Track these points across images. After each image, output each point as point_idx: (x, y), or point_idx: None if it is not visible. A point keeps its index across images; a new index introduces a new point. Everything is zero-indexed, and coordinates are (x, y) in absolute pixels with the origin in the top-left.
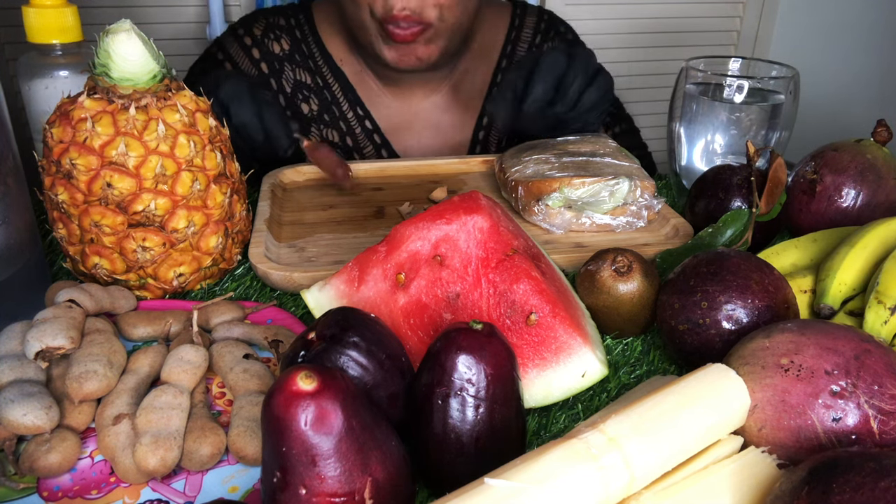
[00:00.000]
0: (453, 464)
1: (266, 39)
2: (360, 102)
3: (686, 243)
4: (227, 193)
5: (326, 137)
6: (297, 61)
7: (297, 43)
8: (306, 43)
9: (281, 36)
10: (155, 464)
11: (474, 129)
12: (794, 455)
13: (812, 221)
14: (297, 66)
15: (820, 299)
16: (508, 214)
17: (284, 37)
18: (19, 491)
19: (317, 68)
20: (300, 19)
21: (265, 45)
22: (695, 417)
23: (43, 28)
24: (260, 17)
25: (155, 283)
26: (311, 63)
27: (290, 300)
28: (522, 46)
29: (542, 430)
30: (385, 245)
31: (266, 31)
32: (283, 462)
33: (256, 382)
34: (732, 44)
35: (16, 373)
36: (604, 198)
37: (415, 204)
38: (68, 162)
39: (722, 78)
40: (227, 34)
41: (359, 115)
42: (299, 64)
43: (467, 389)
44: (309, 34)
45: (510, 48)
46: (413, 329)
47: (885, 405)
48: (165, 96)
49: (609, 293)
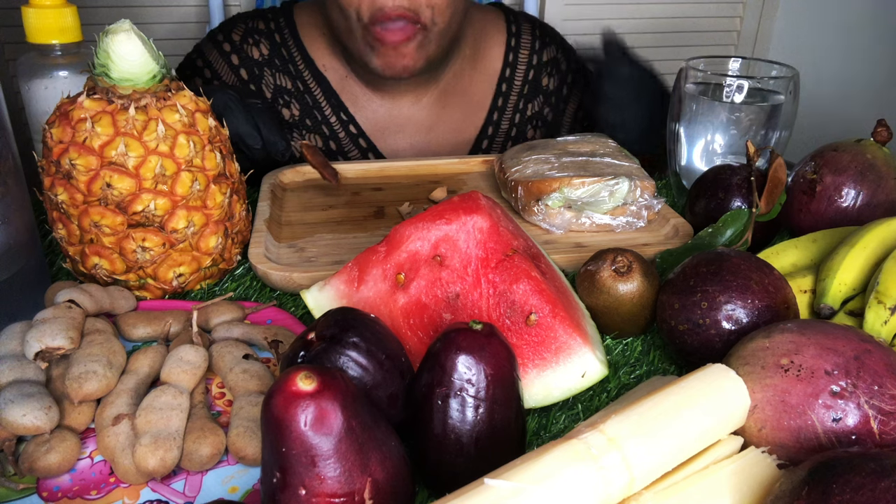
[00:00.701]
0: (453, 464)
1: (244, 45)
2: (343, 107)
3: (686, 243)
4: (227, 193)
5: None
6: (276, 66)
7: (276, 47)
8: (286, 47)
9: (260, 41)
10: (154, 464)
11: (477, 136)
12: (794, 455)
13: (812, 221)
14: (277, 70)
15: (820, 299)
16: (508, 214)
17: (263, 41)
18: (19, 491)
19: (297, 73)
20: (280, 22)
21: (244, 50)
22: (695, 418)
23: (43, 28)
24: (239, 22)
25: (155, 284)
26: (291, 67)
27: (289, 300)
28: (524, 53)
29: (542, 430)
30: (385, 245)
31: (245, 36)
32: (282, 462)
33: (256, 383)
34: (732, 44)
35: (15, 373)
36: (604, 198)
37: (415, 204)
38: (68, 162)
39: (722, 78)
40: (207, 40)
41: (342, 119)
42: (279, 69)
43: (467, 390)
44: (289, 37)
45: (512, 56)
46: (413, 329)
47: (885, 405)
48: (165, 96)
49: (609, 293)
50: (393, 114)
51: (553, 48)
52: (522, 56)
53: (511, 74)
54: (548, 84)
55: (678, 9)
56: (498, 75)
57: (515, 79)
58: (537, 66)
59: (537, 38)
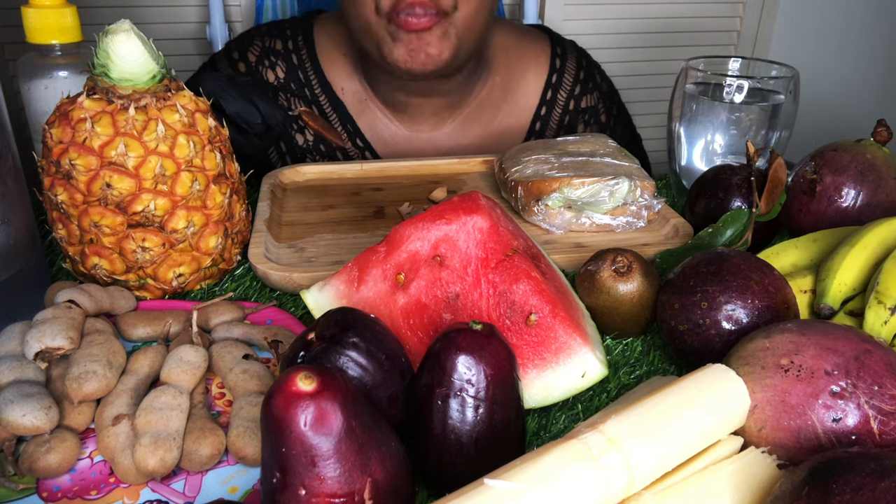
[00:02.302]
0: (453, 464)
1: (260, 66)
2: (360, 134)
3: (686, 243)
4: (227, 194)
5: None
6: (291, 90)
7: (293, 70)
8: (303, 70)
9: (276, 63)
10: (154, 464)
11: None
12: (794, 455)
13: (812, 221)
14: (293, 94)
15: (820, 299)
16: (508, 214)
17: (280, 64)
18: (19, 491)
19: (313, 97)
20: (299, 42)
21: (259, 72)
22: (695, 418)
23: (42, 28)
24: (256, 39)
25: (154, 284)
26: (307, 91)
27: (289, 300)
28: (563, 95)
29: (542, 430)
30: (385, 245)
31: (261, 58)
32: (282, 462)
33: (256, 383)
34: (732, 44)
35: (15, 373)
36: (604, 198)
37: (415, 204)
38: (68, 162)
39: (722, 78)
40: (222, 55)
41: (358, 146)
42: (294, 93)
43: (467, 390)
44: (307, 59)
45: (550, 93)
46: (413, 329)
47: (885, 405)
48: (165, 96)
49: (609, 293)
50: (412, 139)
51: (594, 96)
52: (560, 97)
53: (547, 113)
54: (584, 132)
55: (678, 9)
56: (533, 112)
57: (551, 120)
58: (573, 111)
59: (579, 81)
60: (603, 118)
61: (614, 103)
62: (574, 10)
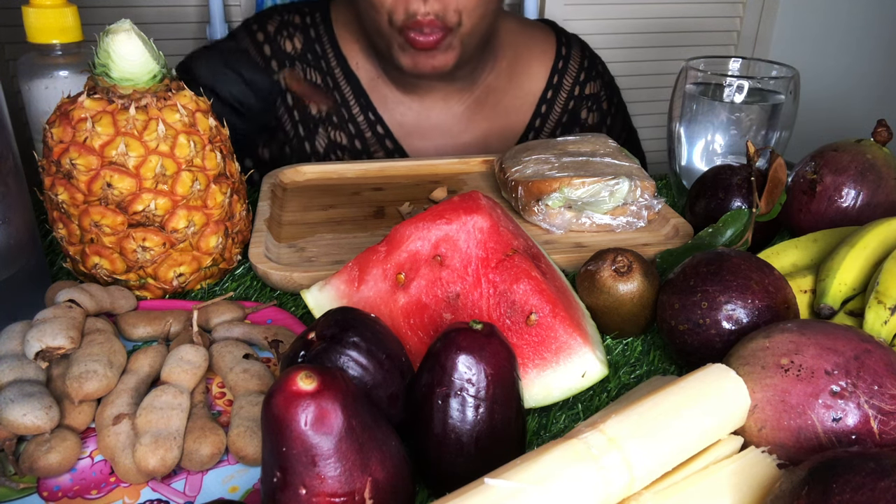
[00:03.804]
0: (453, 464)
1: (279, 37)
2: (371, 107)
3: (686, 243)
4: (227, 193)
5: (335, 139)
6: (308, 61)
7: (310, 42)
8: (320, 42)
9: (294, 34)
10: (155, 464)
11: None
12: (794, 455)
13: (812, 221)
14: (308, 65)
15: (820, 299)
16: (508, 214)
17: (298, 35)
18: (19, 491)
19: (329, 69)
20: (316, 18)
21: (277, 42)
22: (695, 418)
23: (43, 28)
24: (274, 14)
25: (155, 283)
26: (323, 64)
27: (290, 300)
28: (568, 80)
29: (542, 430)
30: (385, 245)
31: (279, 29)
32: (283, 462)
33: (256, 382)
34: (732, 44)
35: (16, 373)
36: (604, 198)
37: (415, 204)
38: (68, 162)
39: (722, 78)
40: (241, 29)
41: (370, 119)
42: (310, 63)
43: (467, 389)
44: (324, 33)
45: (556, 78)
46: (413, 329)
47: (885, 405)
48: (165, 96)
49: (609, 293)
50: (422, 117)
51: (597, 83)
52: (566, 83)
53: (553, 97)
54: (586, 118)
55: (678, 9)
56: (539, 96)
57: (556, 104)
58: (577, 97)
59: (584, 68)
60: (605, 105)
61: (615, 93)
62: (574, 10)
